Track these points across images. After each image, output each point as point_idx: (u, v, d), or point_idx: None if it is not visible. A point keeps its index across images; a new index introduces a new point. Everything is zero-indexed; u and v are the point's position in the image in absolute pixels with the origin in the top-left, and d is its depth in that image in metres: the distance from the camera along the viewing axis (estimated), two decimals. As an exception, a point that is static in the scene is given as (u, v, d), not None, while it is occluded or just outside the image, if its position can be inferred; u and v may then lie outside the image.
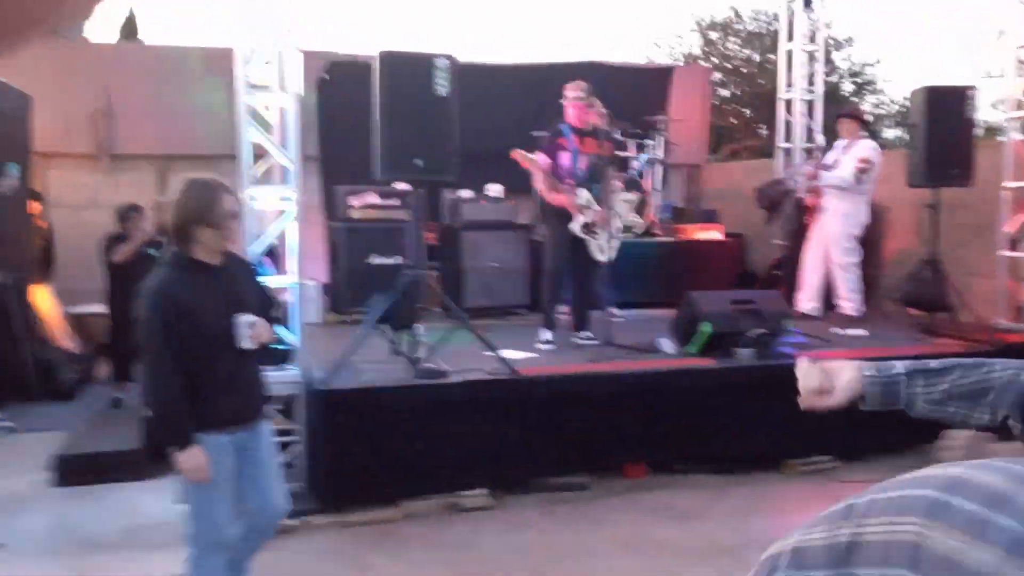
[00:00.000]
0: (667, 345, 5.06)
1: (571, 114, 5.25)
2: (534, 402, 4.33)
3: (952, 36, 37.48)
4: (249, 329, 2.66)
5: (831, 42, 9.82)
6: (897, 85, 13.58)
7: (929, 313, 5.66)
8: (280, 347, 4.16)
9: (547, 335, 5.29)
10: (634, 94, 8.51)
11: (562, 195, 5.13)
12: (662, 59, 14.18)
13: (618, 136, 7.60)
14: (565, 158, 5.18)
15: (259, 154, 4.56)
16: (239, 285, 2.75)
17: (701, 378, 4.62)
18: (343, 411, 4.08)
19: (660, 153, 8.03)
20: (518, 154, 5.13)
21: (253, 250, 4.27)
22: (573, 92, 5.25)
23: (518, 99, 8.33)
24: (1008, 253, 5.62)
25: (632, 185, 7.70)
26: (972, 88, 5.54)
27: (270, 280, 4.15)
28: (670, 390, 4.56)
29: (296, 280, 4.41)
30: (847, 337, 5.57)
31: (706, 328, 4.80)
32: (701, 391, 4.61)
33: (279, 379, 4.00)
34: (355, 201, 6.70)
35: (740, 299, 5.03)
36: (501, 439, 4.26)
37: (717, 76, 12.74)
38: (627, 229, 7.57)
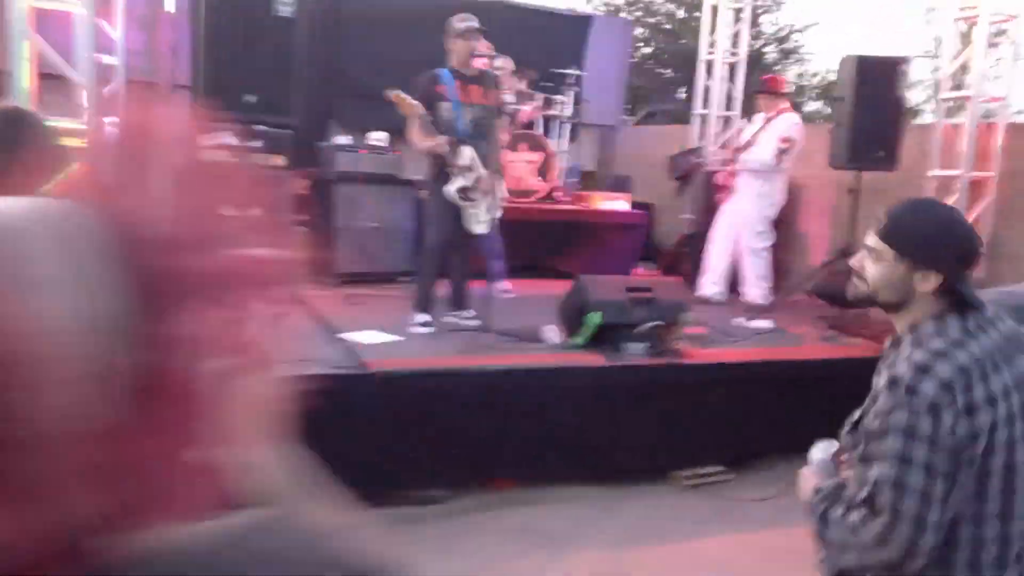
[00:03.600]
0: (552, 335, 4.42)
1: (455, 54, 4.44)
2: (384, 402, 3.61)
3: (886, 8, 37.73)
4: None
5: (758, 4, 9.23)
6: (822, 56, 13.16)
7: (841, 308, 5.21)
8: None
9: (423, 317, 4.56)
10: (546, 42, 7.73)
11: (439, 150, 4.35)
12: (581, 6, 13.35)
13: (523, 88, 6.86)
14: (444, 109, 4.39)
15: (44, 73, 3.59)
16: None
17: (586, 377, 4.00)
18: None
19: (569, 110, 7.31)
20: (398, 95, 4.30)
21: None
22: (462, 24, 4.43)
23: (411, 34, 7.38)
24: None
25: (535, 145, 7.01)
26: (905, 60, 5.02)
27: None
28: (550, 389, 3.93)
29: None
30: (751, 330, 5.06)
31: (595, 319, 4.17)
32: (585, 391, 4.00)
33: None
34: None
35: (636, 286, 4.41)
36: (336, 445, 3.53)
37: (639, 31, 12.05)
38: (527, 194, 6.89)
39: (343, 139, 6.14)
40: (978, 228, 5.03)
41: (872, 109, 4.93)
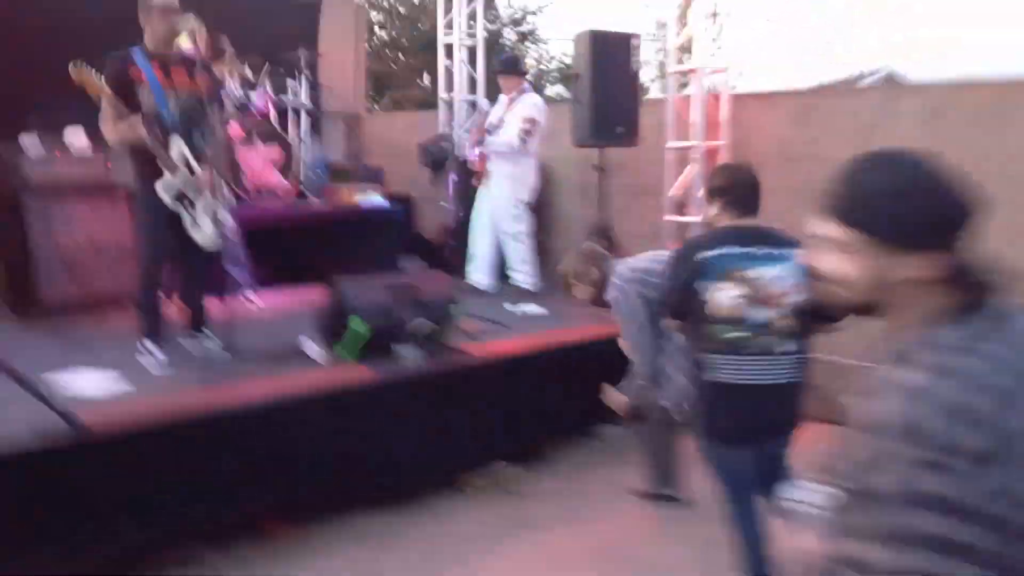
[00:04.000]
0: (312, 349, 3.95)
1: (152, 33, 3.74)
2: (111, 464, 2.95)
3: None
4: None
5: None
6: (558, 40, 13.47)
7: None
8: None
9: (152, 348, 3.85)
10: (272, 27, 7.05)
11: (137, 135, 3.66)
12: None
13: (249, 75, 6.20)
14: (144, 95, 3.70)
15: None
16: None
17: (353, 395, 3.59)
18: None
19: (305, 99, 6.74)
20: (81, 71, 3.53)
21: None
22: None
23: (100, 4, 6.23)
24: (675, 218, 5.39)
25: (273, 138, 6.39)
26: (636, 36, 5.13)
27: None
28: (313, 416, 3.47)
29: None
30: (523, 317, 4.95)
31: (358, 326, 3.77)
32: (354, 410, 3.60)
33: None
34: None
35: (400, 285, 4.06)
36: (68, 517, 2.83)
37: (374, 15, 11.64)
38: (269, 192, 6.26)
39: (29, 140, 5.09)
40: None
41: (609, 86, 4.99)
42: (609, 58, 5.03)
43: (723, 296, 2.44)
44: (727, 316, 2.44)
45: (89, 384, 3.49)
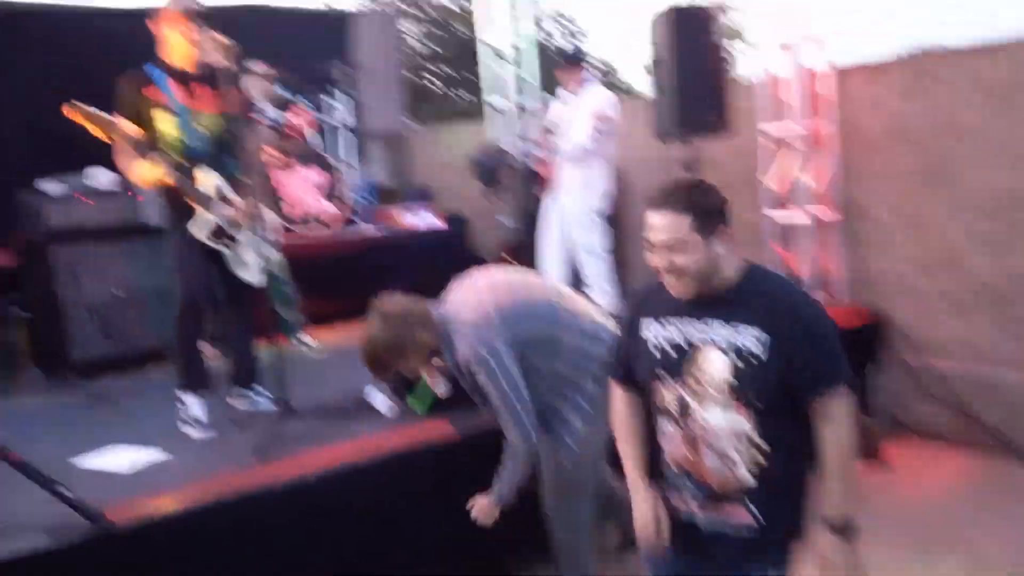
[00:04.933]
0: (379, 400, 3.35)
1: (171, 46, 3.20)
2: (146, 562, 2.37)
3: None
4: None
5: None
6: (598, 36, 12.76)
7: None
8: None
9: (195, 409, 3.30)
10: (301, 46, 6.55)
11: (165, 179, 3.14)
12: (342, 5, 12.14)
13: (286, 94, 5.68)
14: (165, 121, 3.16)
15: None
16: None
17: (434, 456, 2.97)
18: None
19: (347, 117, 6.22)
20: (78, 110, 2.99)
21: None
22: (181, 5, 3.19)
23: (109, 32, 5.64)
24: (775, 212, 4.70)
25: (317, 162, 5.87)
26: (716, 9, 4.44)
27: None
28: (391, 481, 2.86)
29: None
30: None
31: (433, 372, 3.15)
32: (436, 470, 2.98)
33: None
34: None
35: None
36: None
37: (413, 29, 11.14)
38: (317, 222, 5.74)
39: (52, 186, 4.63)
40: (826, 187, 4.60)
41: (693, 68, 4.32)
42: (692, 37, 4.36)
43: None
44: None
45: (123, 461, 2.94)
